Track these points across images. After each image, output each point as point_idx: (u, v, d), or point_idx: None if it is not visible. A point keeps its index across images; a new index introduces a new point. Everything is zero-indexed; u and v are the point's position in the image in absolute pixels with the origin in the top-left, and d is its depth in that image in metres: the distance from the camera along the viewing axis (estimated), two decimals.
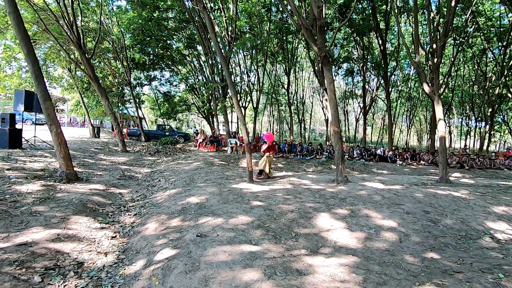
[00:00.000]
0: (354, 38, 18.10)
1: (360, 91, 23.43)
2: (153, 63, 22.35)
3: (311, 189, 6.47)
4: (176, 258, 3.04)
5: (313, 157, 13.21)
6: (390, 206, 5.54)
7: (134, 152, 13.25)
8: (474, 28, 17.81)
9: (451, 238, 4.40)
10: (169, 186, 6.63)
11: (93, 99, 23.72)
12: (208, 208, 4.68)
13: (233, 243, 3.39)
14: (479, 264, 3.40)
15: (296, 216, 4.59)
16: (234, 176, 7.80)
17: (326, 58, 7.19)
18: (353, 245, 3.79)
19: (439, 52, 8.40)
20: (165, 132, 20.41)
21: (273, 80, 24.53)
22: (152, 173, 8.61)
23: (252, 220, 4.22)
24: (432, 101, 9.13)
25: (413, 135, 42.58)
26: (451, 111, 31.13)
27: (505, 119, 26.21)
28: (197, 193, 5.58)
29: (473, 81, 24.33)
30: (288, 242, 3.67)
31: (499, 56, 19.14)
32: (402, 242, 4.09)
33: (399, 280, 2.84)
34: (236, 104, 7.14)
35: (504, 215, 5.41)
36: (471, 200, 6.29)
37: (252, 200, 5.22)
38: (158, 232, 3.84)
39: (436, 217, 5.18)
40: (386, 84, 16.65)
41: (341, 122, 36.35)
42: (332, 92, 7.38)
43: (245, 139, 7.13)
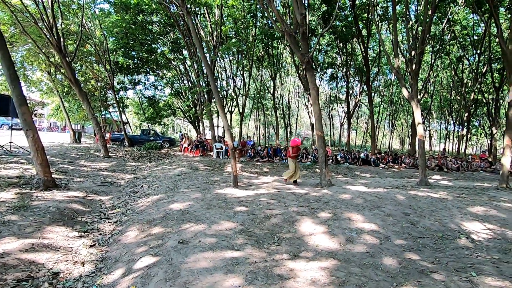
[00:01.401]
0: (337, 45, 18.53)
1: (344, 96, 23.92)
2: (137, 67, 22.02)
3: (295, 193, 6.52)
4: (157, 266, 2.99)
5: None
6: (371, 209, 5.66)
7: (117, 157, 12.94)
8: (451, 37, 18.62)
9: (429, 239, 4.54)
10: (152, 192, 6.52)
11: (74, 103, 23.10)
12: (191, 214, 4.63)
13: (215, 249, 3.37)
14: (454, 264, 3.52)
15: (280, 221, 4.62)
16: (219, 181, 7.76)
17: (309, 64, 7.32)
18: (334, 248, 3.85)
19: (417, 59, 8.73)
20: (149, 137, 20.07)
21: (259, 85, 24.69)
22: (135, 179, 8.44)
23: (236, 225, 4.20)
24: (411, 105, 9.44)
25: (396, 138, 43.82)
26: (431, 116, 32.26)
27: (481, 123, 27.38)
28: (180, 199, 5.51)
29: (451, 87, 25.36)
30: (270, 247, 3.68)
31: (473, 63, 20.07)
32: (382, 244, 4.18)
33: (378, 281, 2.90)
34: (220, 108, 7.14)
35: (479, 215, 5.64)
36: (448, 201, 6.52)
37: (236, 205, 5.21)
38: (139, 239, 3.77)
39: (415, 218, 5.34)
40: (369, 89, 17.12)
41: (326, 126, 37.00)
42: (315, 97, 7.51)
43: (230, 144, 7.12)
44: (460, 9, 17.13)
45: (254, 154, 13.38)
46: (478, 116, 26.33)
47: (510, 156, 8.51)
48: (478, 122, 27.72)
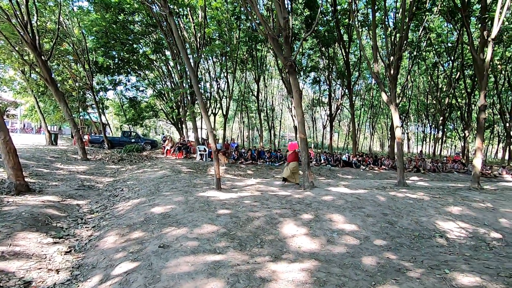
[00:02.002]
0: (320, 49, 18.88)
1: (326, 99, 24.38)
2: (118, 67, 21.45)
3: (278, 195, 6.56)
4: (136, 271, 2.91)
5: (281, 163, 13.43)
6: (352, 210, 5.79)
7: (96, 160, 12.52)
8: (427, 43, 19.46)
9: (406, 238, 4.70)
10: (132, 196, 6.35)
11: (50, 104, 22.17)
12: (172, 218, 4.56)
13: (197, 253, 3.33)
14: (429, 261, 3.67)
15: (263, 223, 4.63)
16: (202, 184, 7.68)
17: (292, 67, 7.42)
18: (316, 249, 3.90)
19: (395, 64, 9.06)
20: (130, 139, 19.58)
21: (243, 87, 24.71)
22: (114, 182, 8.19)
23: (218, 228, 4.18)
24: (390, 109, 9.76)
25: (376, 141, 45.10)
26: (409, 119, 33.47)
27: (455, 127, 28.71)
28: (162, 203, 5.41)
29: (427, 92, 26.46)
30: (253, 249, 3.69)
31: (448, 69, 21.05)
32: (362, 244, 4.29)
33: (357, 281, 2.97)
34: (203, 111, 7.08)
35: (453, 215, 5.90)
36: (424, 201, 6.78)
37: (219, 208, 5.17)
38: (118, 244, 3.66)
39: (394, 218, 5.51)
40: (350, 93, 17.54)
41: (309, 129, 37.55)
42: (298, 100, 7.61)
43: (213, 146, 7.07)
44: (435, 18, 17.94)
45: (238, 157, 13.35)
46: (452, 119, 27.62)
47: (481, 158, 8.98)
48: (452, 125, 29.06)
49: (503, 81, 21.13)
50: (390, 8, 15.49)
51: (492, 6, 12.69)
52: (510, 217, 6.01)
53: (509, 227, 5.41)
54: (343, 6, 16.43)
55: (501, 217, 5.97)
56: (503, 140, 26.77)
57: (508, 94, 23.48)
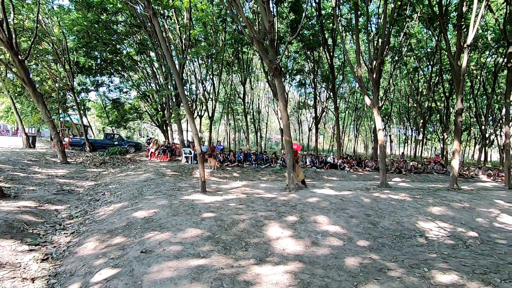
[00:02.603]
0: (305, 52, 19.14)
1: (312, 102, 24.70)
2: (100, 68, 20.93)
3: (264, 198, 6.57)
4: (116, 278, 2.83)
5: (267, 166, 13.47)
6: (336, 211, 5.87)
7: (77, 163, 12.12)
8: (408, 48, 20.11)
9: (388, 238, 4.81)
10: (114, 200, 6.19)
11: (28, 105, 21.32)
12: (156, 222, 4.47)
13: (181, 258, 3.28)
14: (409, 261, 3.76)
15: (248, 226, 4.62)
16: (187, 186, 7.59)
17: (277, 70, 7.47)
18: (300, 251, 3.93)
19: (377, 68, 9.31)
20: (113, 142, 19.09)
21: (229, 89, 24.67)
22: (96, 186, 7.95)
23: (202, 232, 4.13)
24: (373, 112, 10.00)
25: (360, 143, 46.02)
26: (391, 121, 34.42)
27: (435, 129, 29.75)
28: (145, 207, 5.30)
29: (408, 95, 27.31)
30: (238, 252, 3.67)
31: (427, 74, 21.83)
32: (346, 245, 4.35)
33: (340, 281, 3.01)
34: (188, 112, 7.01)
35: (433, 214, 6.10)
36: (405, 202, 6.97)
37: (203, 212, 5.12)
38: (98, 251, 3.55)
39: (376, 219, 5.63)
40: (334, 96, 17.86)
41: (295, 131, 37.88)
42: (283, 103, 7.67)
43: (198, 149, 7.01)
44: (415, 24, 18.59)
45: (224, 159, 13.28)
46: (432, 122, 28.61)
47: (458, 159, 9.34)
48: (432, 128, 30.11)
49: (478, 86, 22.11)
50: (372, 13, 15.92)
51: (468, 14, 13.30)
52: (485, 216, 6.27)
53: (484, 226, 5.65)
54: (328, 10, 16.75)
55: (477, 216, 6.22)
56: (479, 142, 27.96)
57: (483, 98, 24.58)
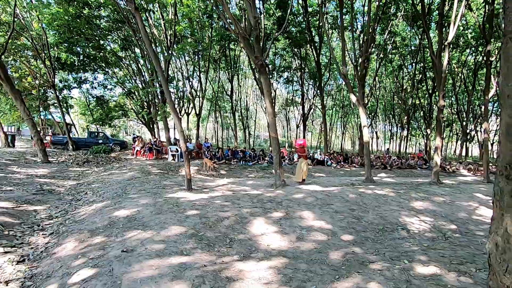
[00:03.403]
0: (292, 49, 19.19)
1: (300, 99, 24.84)
2: (83, 64, 20.35)
3: (250, 195, 6.57)
4: (95, 278, 2.76)
5: (255, 163, 13.48)
6: (321, 207, 5.93)
7: (58, 163, 11.77)
8: (392, 46, 20.48)
9: (371, 232, 4.89)
10: (96, 199, 6.04)
11: (6, 103, 20.53)
12: (139, 221, 4.39)
13: (163, 256, 3.23)
14: (390, 254, 3.84)
15: (233, 223, 4.60)
16: (173, 184, 7.49)
17: (263, 67, 7.46)
18: (285, 247, 3.94)
19: (361, 65, 9.44)
20: (97, 140, 18.64)
21: (216, 86, 24.48)
22: (78, 186, 7.74)
23: (186, 230, 4.09)
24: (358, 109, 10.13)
25: (348, 139, 46.65)
26: (377, 118, 35.03)
27: (419, 125, 30.47)
28: (128, 205, 5.20)
29: (393, 92, 27.85)
30: (222, 249, 3.65)
31: (411, 71, 22.31)
32: (330, 239, 4.40)
33: (322, 275, 3.04)
34: (172, 110, 6.90)
35: (415, 208, 6.25)
36: (389, 197, 7.12)
37: (188, 209, 5.07)
38: (77, 251, 3.45)
39: (360, 214, 5.72)
40: (321, 93, 18.01)
41: (283, 128, 38.03)
42: (269, 100, 7.66)
43: (183, 146, 6.92)
44: (399, 22, 18.94)
45: (211, 157, 13.19)
46: (416, 119, 29.29)
47: (439, 155, 9.61)
48: (416, 124, 30.83)
49: (459, 83, 22.77)
50: (358, 11, 16.10)
51: (449, 13, 13.63)
52: (465, 209, 6.49)
53: (462, 218, 5.84)
54: (314, 8, 16.82)
55: (457, 209, 6.42)
56: (460, 138, 28.85)
57: (464, 95, 25.36)
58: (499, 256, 1.99)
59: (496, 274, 2.02)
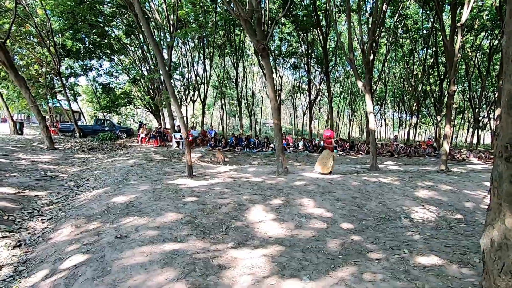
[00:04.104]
0: (298, 34, 18.65)
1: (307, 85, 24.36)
2: (89, 52, 20.28)
3: (251, 182, 6.49)
4: (86, 264, 2.74)
5: (259, 150, 13.37)
6: (323, 194, 5.82)
7: (64, 149, 11.90)
8: (403, 30, 19.69)
9: (373, 220, 4.78)
10: (97, 186, 6.06)
11: (14, 90, 20.75)
12: (136, 207, 4.37)
13: (156, 242, 3.19)
14: (391, 242, 3.73)
15: (231, 210, 4.54)
16: (174, 171, 7.47)
17: (265, 51, 7.22)
18: (282, 235, 3.87)
19: (368, 49, 9.06)
20: (104, 127, 18.79)
21: (222, 73, 24.16)
22: (81, 172, 7.80)
23: (182, 216, 4.04)
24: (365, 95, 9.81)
25: (356, 127, 45.96)
26: (386, 105, 34.27)
27: (429, 112, 29.66)
28: (127, 192, 5.19)
29: (404, 78, 27.03)
30: (217, 236, 3.60)
31: (423, 56, 21.51)
32: (329, 227, 4.31)
33: (317, 264, 2.95)
34: (172, 95, 6.78)
35: (419, 197, 6.08)
36: (394, 185, 6.95)
37: (186, 196, 5.03)
38: (72, 237, 3.45)
39: (363, 201, 5.60)
40: (327, 79, 17.56)
41: (290, 116, 37.61)
42: (271, 85, 7.46)
43: (184, 133, 6.84)
44: (411, 4, 18.12)
45: (215, 144, 13.14)
46: (427, 105, 28.50)
47: (448, 142, 9.30)
48: (427, 111, 30.03)
49: (473, 69, 21.90)
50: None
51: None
52: (472, 198, 6.28)
53: (469, 208, 5.66)
54: None
55: (463, 198, 6.23)
56: (472, 126, 28.03)
57: (477, 81, 24.43)
58: (493, 253, 1.75)
59: (490, 274, 1.79)
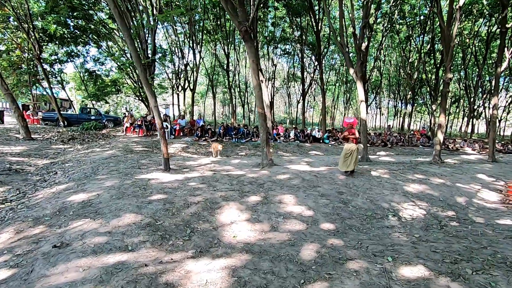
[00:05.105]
0: (291, 19, 17.86)
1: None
2: (74, 37, 19.28)
3: (231, 175, 6.05)
4: (5, 284, 2.29)
5: (248, 140, 12.88)
6: (306, 189, 5.40)
7: (43, 139, 11.31)
8: (400, 16, 18.95)
9: (357, 219, 4.38)
10: (62, 180, 5.57)
11: None
12: (93, 207, 3.90)
13: (100, 253, 2.75)
14: (374, 247, 3.33)
15: (200, 209, 4.10)
16: (150, 164, 6.99)
17: (247, 34, 6.63)
18: (253, 239, 3.45)
19: (361, 33, 8.49)
20: (90, 116, 18.13)
21: (213, 60, 23.31)
22: (51, 165, 7.28)
23: (142, 218, 3.59)
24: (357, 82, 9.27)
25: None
26: (382, 93, 33.74)
27: (425, 101, 29.20)
28: (90, 188, 4.71)
29: (399, 66, 26.41)
30: (177, 242, 3.16)
31: (419, 43, 20.87)
32: (308, 228, 3.90)
33: (284, 278, 2.53)
34: (145, 82, 6.21)
35: (410, 192, 5.68)
36: (383, 178, 6.54)
37: (155, 193, 4.57)
38: (7, 245, 2.98)
39: (349, 197, 5.19)
40: (320, 65, 16.92)
41: (285, 105, 36.94)
42: (254, 71, 6.91)
43: (158, 122, 6.32)
44: None
45: (202, 134, 12.61)
46: (422, 94, 28.03)
47: (442, 132, 8.91)
48: (422, 100, 29.58)
49: (470, 57, 21.36)
50: None
51: None
52: (465, 192, 5.92)
53: (462, 203, 5.29)
54: None
55: (456, 192, 5.86)
56: (467, 114, 27.71)
57: (474, 69, 23.91)
58: None
59: None
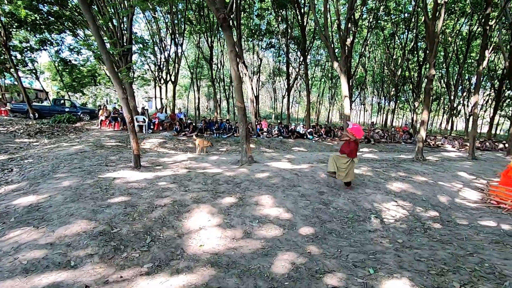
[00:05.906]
0: (276, 11, 17.41)
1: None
2: (48, 24, 18.00)
3: (207, 174, 5.64)
4: None
5: (230, 135, 12.46)
6: (286, 189, 5.08)
7: (7, 132, 10.44)
8: (385, 12, 18.90)
9: (338, 222, 4.09)
10: (15, 179, 4.98)
11: None
12: (41, 212, 3.41)
13: (32, 272, 2.30)
14: (355, 256, 3.04)
15: (166, 213, 3.68)
16: (120, 161, 6.46)
17: (225, 21, 6.18)
18: (222, 247, 3.08)
19: (346, 26, 8.21)
20: (63, 108, 17.07)
21: (197, 53, 22.56)
22: (8, 161, 6.60)
23: (95, 225, 3.14)
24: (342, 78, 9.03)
25: (336, 112, 45.78)
26: (366, 90, 33.99)
27: (407, 98, 29.62)
28: (43, 189, 4.18)
29: (384, 63, 26.57)
30: (132, 254, 2.74)
31: (403, 40, 20.98)
32: (285, 234, 3.57)
33: None
34: (110, 68, 5.65)
35: (393, 191, 5.47)
36: (366, 176, 6.33)
37: (117, 194, 4.11)
38: None
39: (330, 198, 4.91)
40: (305, 59, 16.61)
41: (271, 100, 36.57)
42: (233, 62, 6.48)
43: (127, 115, 5.79)
44: None
45: (181, 128, 12.06)
46: (405, 91, 28.40)
47: (425, 130, 8.82)
48: (405, 97, 30.00)
49: (451, 55, 21.68)
50: None
51: None
52: (447, 191, 5.78)
53: (445, 203, 5.13)
54: None
55: (439, 191, 5.71)
56: (447, 112, 28.34)
57: (454, 68, 24.37)
58: None
59: None
